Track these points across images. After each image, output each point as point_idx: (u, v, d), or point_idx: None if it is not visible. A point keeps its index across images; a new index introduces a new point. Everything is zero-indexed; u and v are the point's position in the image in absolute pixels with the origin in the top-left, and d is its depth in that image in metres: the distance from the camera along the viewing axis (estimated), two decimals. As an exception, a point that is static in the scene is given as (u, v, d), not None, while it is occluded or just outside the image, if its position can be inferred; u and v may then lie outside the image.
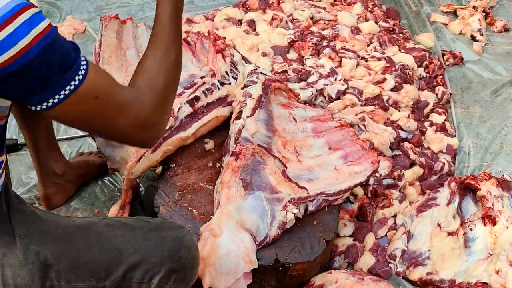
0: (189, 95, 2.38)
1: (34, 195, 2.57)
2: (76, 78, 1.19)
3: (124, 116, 1.27)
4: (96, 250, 1.45)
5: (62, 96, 1.18)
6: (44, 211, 1.60)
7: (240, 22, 3.74)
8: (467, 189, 2.51)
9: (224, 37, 2.77)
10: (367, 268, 2.33)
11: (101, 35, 2.46)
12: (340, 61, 3.31)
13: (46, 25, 1.14)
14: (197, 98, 2.38)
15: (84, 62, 1.22)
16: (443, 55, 3.72)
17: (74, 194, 2.59)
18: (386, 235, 2.47)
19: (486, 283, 2.14)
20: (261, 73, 2.52)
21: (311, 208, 2.15)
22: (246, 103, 2.31)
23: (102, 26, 2.43)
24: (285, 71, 3.19)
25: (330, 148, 2.38)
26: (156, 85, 1.34)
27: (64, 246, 1.43)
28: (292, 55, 3.45)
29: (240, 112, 2.29)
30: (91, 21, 3.78)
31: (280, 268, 1.99)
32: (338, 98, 3.02)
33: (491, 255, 2.27)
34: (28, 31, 1.11)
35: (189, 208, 2.13)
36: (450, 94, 3.37)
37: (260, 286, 2.06)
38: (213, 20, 3.75)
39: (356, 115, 2.88)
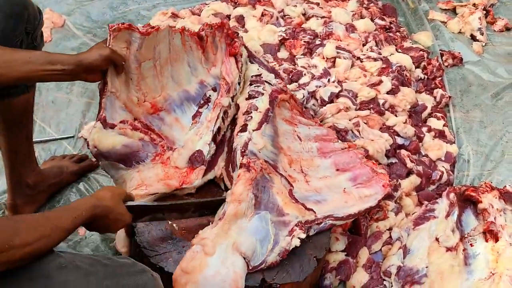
0: (212, 129, 2.21)
1: (3, 201, 2.41)
2: None
3: None
4: None
5: None
6: None
7: (228, 17, 3.59)
8: (467, 200, 2.39)
9: (237, 33, 2.42)
10: (360, 286, 2.22)
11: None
12: (334, 61, 3.16)
13: None
14: (219, 130, 2.22)
15: None
16: (441, 55, 3.60)
17: (46, 202, 2.44)
18: (380, 250, 2.35)
19: (488, 306, 2.02)
20: (265, 81, 2.36)
21: (312, 232, 2.02)
22: (251, 116, 2.18)
23: (109, 37, 1.95)
24: (275, 71, 3.04)
25: (337, 170, 2.29)
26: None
27: None
28: (283, 54, 3.31)
29: (245, 124, 2.16)
30: (71, 15, 3.61)
31: None
32: (331, 101, 2.88)
33: (493, 274, 2.15)
34: None
35: (169, 222, 2.00)
36: (449, 97, 3.25)
37: (246, 308, 1.95)
38: (199, 15, 3.60)
39: (350, 120, 2.75)
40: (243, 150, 2.05)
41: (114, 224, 1.64)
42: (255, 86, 2.32)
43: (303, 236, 1.95)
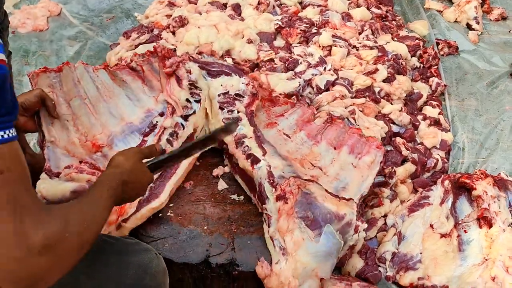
0: None
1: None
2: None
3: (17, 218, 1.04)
4: None
5: None
6: None
7: (224, 6, 3.59)
8: (462, 188, 2.40)
9: (175, 49, 2.35)
10: (355, 272, 2.21)
11: None
12: (330, 50, 3.16)
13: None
14: (162, 153, 2.11)
15: (14, 131, 1.05)
16: (437, 44, 3.59)
17: None
18: (375, 236, 2.35)
19: (481, 291, 2.02)
20: (234, 96, 2.28)
21: None
22: (247, 146, 2.13)
23: (32, 85, 2.00)
24: (272, 60, 3.03)
25: (335, 148, 2.29)
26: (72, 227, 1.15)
27: None
28: (279, 42, 3.30)
29: (250, 155, 2.10)
30: (67, 3, 3.60)
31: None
32: (327, 90, 2.87)
33: (486, 260, 2.15)
34: None
35: (165, 209, 2.01)
36: (445, 85, 3.24)
37: (241, 292, 1.96)
38: (196, 4, 3.59)
39: (345, 107, 2.74)
40: (271, 181, 2.00)
41: (141, 185, 1.53)
42: (228, 112, 2.25)
43: (366, 226, 2.00)
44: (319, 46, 3.17)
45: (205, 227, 1.99)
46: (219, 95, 2.28)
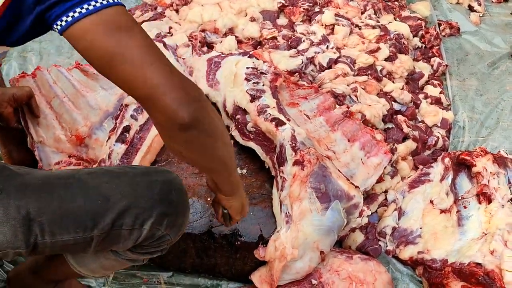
0: (116, 129, 2.14)
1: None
2: None
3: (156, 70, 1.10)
4: (80, 198, 1.34)
5: (84, 11, 1.06)
6: (17, 166, 1.47)
7: (228, -16, 3.57)
8: (462, 165, 2.41)
9: None
10: (355, 246, 2.24)
11: None
12: (332, 28, 3.17)
13: None
14: (127, 129, 2.14)
15: None
16: (439, 25, 3.61)
17: None
18: (376, 211, 2.37)
19: (480, 264, 2.03)
20: (261, 73, 2.34)
21: None
22: (270, 114, 2.14)
23: None
24: (274, 38, 3.05)
25: (349, 140, 2.32)
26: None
27: (46, 198, 1.32)
28: (282, 20, 3.32)
29: (275, 118, 2.11)
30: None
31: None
32: (329, 67, 2.89)
33: (485, 234, 2.16)
34: None
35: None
36: (446, 65, 3.26)
37: (243, 263, 1.99)
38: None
39: (348, 85, 2.75)
40: (293, 145, 2.00)
41: None
42: (253, 83, 2.27)
43: (370, 213, 2.05)
44: (322, 25, 3.18)
45: (208, 199, 2.01)
46: (247, 68, 2.33)
